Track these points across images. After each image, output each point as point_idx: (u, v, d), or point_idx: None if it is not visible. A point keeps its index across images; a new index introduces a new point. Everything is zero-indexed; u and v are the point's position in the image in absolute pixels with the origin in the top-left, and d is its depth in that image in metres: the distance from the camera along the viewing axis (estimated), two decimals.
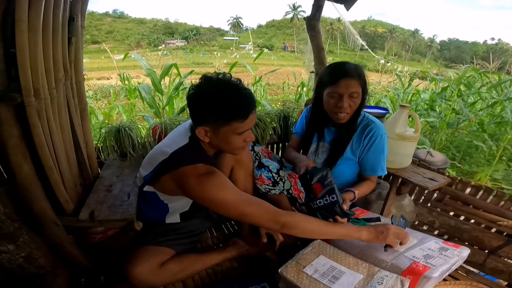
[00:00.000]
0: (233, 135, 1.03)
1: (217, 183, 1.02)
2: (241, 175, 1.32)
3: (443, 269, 1.05)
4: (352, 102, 1.31)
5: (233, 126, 1.00)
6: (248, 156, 1.34)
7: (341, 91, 1.30)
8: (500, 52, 46.87)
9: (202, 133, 1.04)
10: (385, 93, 6.48)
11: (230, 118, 0.99)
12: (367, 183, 1.45)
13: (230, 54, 11.09)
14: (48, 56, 0.99)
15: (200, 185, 1.01)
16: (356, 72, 1.29)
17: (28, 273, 0.97)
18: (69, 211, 1.09)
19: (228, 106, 0.98)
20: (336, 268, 1.10)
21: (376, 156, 1.40)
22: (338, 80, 1.30)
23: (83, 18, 1.35)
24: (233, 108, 0.98)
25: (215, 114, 1.00)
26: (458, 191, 1.67)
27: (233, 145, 1.06)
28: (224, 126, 1.01)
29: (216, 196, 1.00)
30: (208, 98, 0.99)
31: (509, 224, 1.47)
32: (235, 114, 0.99)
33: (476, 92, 4.57)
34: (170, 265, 1.15)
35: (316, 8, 2.14)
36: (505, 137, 3.68)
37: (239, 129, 1.02)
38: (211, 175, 1.03)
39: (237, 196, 1.03)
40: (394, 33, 70.68)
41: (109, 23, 76.08)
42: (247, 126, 1.03)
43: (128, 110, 4.85)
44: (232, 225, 1.61)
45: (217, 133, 1.03)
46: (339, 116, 1.35)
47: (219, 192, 1.00)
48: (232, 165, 1.30)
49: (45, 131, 0.96)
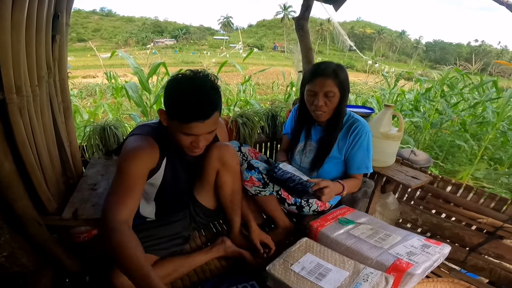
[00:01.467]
0: (178, 132, 1.01)
1: (132, 155, 1.01)
2: (228, 179, 1.29)
3: (426, 266, 1.08)
4: (328, 101, 1.33)
5: (175, 124, 0.99)
6: (235, 159, 1.30)
7: (316, 89, 1.33)
8: (483, 54, 48.28)
9: (162, 115, 1.03)
10: (371, 93, 6.60)
11: (172, 115, 0.98)
12: (354, 180, 1.45)
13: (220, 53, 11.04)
14: (31, 53, 0.97)
15: (125, 149, 1.03)
16: (332, 72, 1.30)
17: (11, 273, 0.95)
18: (52, 210, 1.07)
19: (173, 105, 0.98)
20: (322, 265, 1.12)
21: (361, 154, 1.41)
22: (314, 79, 1.33)
23: (68, 16, 1.33)
24: (176, 109, 0.97)
25: (166, 104, 1.01)
26: (440, 189, 1.71)
27: (179, 140, 1.04)
28: (171, 119, 1.00)
29: (119, 163, 1.00)
30: (167, 88, 1.00)
31: (488, 221, 1.52)
32: (176, 114, 0.97)
33: (459, 93, 4.69)
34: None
35: (305, 8, 2.16)
36: (487, 137, 3.80)
37: (183, 129, 0.99)
38: (140, 147, 1.03)
39: (130, 177, 0.98)
40: (382, 34, 71.84)
41: (96, 21, 74.55)
42: (192, 131, 0.99)
43: (115, 108, 4.77)
44: (220, 224, 1.61)
45: (170, 122, 1.01)
46: (316, 113, 1.37)
47: (124, 162, 0.99)
48: (217, 168, 1.26)
49: (27, 129, 0.95)
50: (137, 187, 1.00)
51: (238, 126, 1.92)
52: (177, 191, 1.26)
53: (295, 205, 1.50)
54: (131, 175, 0.98)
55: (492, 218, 1.52)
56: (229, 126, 1.90)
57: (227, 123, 1.90)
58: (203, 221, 1.40)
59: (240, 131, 1.92)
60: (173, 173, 1.20)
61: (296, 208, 1.51)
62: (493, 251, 1.49)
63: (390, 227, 1.37)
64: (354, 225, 1.37)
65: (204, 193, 1.35)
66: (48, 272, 1.07)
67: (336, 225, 1.36)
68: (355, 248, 1.20)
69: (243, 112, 2.01)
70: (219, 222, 1.62)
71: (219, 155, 1.24)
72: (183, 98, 0.95)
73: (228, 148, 1.27)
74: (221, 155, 1.24)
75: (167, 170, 1.17)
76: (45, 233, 1.02)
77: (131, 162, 1.00)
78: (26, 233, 0.97)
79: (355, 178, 1.47)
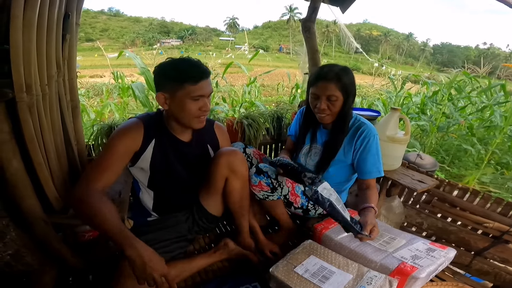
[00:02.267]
0: (187, 100, 1.09)
1: (115, 132, 1.14)
2: (237, 185, 1.28)
3: (430, 269, 1.07)
4: (331, 104, 1.32)
5: (187, 89, 1.08)
6: (244, 165, 1.28)
7: (318, 93, 1.33)
8: (492, 57, 47.78)
9: (161, 99, 1.11)
10: (378, 96, 6.57)
11: (183, 80, 1.07)
12: (373, 193, 1.34)
13: (226, 55, 11.06)
14: (41, 53, 0.99)
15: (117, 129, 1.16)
16: (335, 76, 1.30)
17: (15, 271, 0.95)
18: (58, 209, 1.08)
19: (181, 69, 1.09)
20: (326, 268, 1.12)
21: (371, 158, 1.38)
22: (317, 82, 1.33)
23: (78, 16, 1.34)
24: (185, 70, 1.08)
25: (171, 78, 1.09)
26: (446, 193, 1.70)
27: (188, 111, 1.11)
28: (179, 90, 1.08)
29: (109, 138, 1.13)
30: (166, 66, 1.11)
31: (495, 226, 1.50)
32: (187, 75, 1.07)
33: (466, 97, 4.65)
34: None
35: (311, 10, 2.17)
36: (494, 141, 3.75)
37: (193, 93, 1.08)
38: (123, 126, 1.14)
39: (109, 152, 1.09)
40: (389, 37, 71.44)
41: (104, 21, 75.27)
42: (200, 90, 1.09)
43: (121, 108, 4.80)
44: (224, 225, 1.61)
45: (174, 98, 1.10)
46: (319, 116, 1.38)
47: (109, 139, 1.13)
48: (226, 175, 1.25)
49: (36, 127, 0.96)
50: (115, 162, 1.09)
51: (243, 128, 1.92)
52: (172, 180, 1.27)
53: (301, 209, 1.49)
54: (110, 150, 1.09)
55: (498, 222, 1.50)
56: (234, 127, 1.91)
57: (232, 124, 1.91)
58: (205, 226, 1.39)
59: (245, 132, 1.92)
60: (162, 158, 1.21)
61: (302, 211, 1.50)
62: (498, 256, 1.48)
63: (395, 231, 1.36)
64: None
65: (210, 199, 1.34)
66: (52, 271, 1.08)
67: (340, 227, 1.34)
68: (359, 251, 1.20)
69: (249, 114, 2.01)
70: (222, 224, 1.62)
71: (228, 162, 1.24)
72: (185, 63, 1.10)
73: (236, 154, 1.26)
74: (230, 162, 1.24)
75: (156, 155, 1.20)
76: (51, 231, 1.02)
77: (112, 138, 1.12)
78: (32, 231, 0.98)
79: (371, 188, 1.38)
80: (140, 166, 1.20)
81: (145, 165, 1.20)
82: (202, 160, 1.31)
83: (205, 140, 1.34)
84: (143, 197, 1.29)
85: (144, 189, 1.28)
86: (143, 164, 1.19)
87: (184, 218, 1.33)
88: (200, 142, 1.32)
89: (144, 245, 0.96)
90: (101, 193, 1.01)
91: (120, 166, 1.12)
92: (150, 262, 0.94)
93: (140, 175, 1.25)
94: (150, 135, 1.18)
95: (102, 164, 1.07)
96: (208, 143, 1.35)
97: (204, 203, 1.35)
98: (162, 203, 1.28)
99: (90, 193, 0.99)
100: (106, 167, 1.06)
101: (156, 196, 1.28)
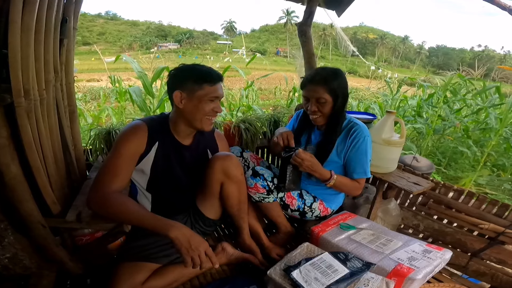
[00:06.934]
0: (204, 100, 1.16)
1: (120, 135, 1.17)
2: (233, 190, 1.29)
3: (427, 271, 1.08)
4: (320, 106, 1.36)
5: (205, 89, 1.15)
6: (239, 169, 1.29)
7: (308, 95, 1.39)
8: (487, 59, 48.25)
9: (178, 97, 1.16)
10: (374, 99, 6.60)
11: (202, 81, 1.15)
12: (351, 180, 1.44)
13: (223, 58, 11.10)
14: (39, 57, 0.99)
15: (121, 131, 1.19)
16: (322, 79, 1.33)
17: (13, 274, 0.95)
18: (56, 213, 1.08)
19: (201, 71, 1.17)
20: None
21: (358, 157, 1.40)
22: (306, 85, 1.39)
23: (75, 20, 1.35)
24: (205, 72, 1.17)
25: (191, 78, 1.15)
26: (441, 195, 1.71)
27: (202, 111, 1.17)
28: (197, 90, 1.15)
29: (116, 142, 1.15)
30: (186, 68, 1.19)
31: (490, 227, 1.52)
32: (206, 77, 1.15)
33: (462, 99, 4.68)
34: (153, 282, 1.11)
35: (307, 14, 2.18)
36: (489, 143, 3.78)
37: (210, 94, 1.16)
38: (128, 129, 1.17)
39: (116, 155, 1.12)
40: (385, 40, 72.10)
41: (101, 24, 75.36)
42: (216, 92, 1.17)
43: (118, 112, 4.79)
44: (222, 229, 1.62)
45: (192, 97, 1.15)
46: (311, 117, 1.42)
47: (115, 142, 1.15)
48: (222, 180, 1.26)
49: (34, 132, 0.96)
50: (125, 166, 1.13)
51: (241, 132, 1.93)
52: (171, 183, 1.27)
53: (298, 211, 1.50)
54: (118, 154, 1.12)
55: (493, 224, 1.52)
56: (231, 132, 1.91)
57: (229, 128, 1.92)
58: (203, 229, 1.38)
59: (242, 136, 1.93)
60: (164, 161, 1.23)
61: (298, 214, 1.52)
62: (495, 257, 1.49)
63: (392, 233, 1.37)
64: (355, 231, 1.37)
65: (207, 204, 1.35)
66: (50, 274, 1.07)
67: (337, 230, 1.37)
68: (356, 253, 1.21)
69: (246, 118, 2.02)
70: (220, 227, 1.62)
71: (222, 167, 1.24)
72: (204, 67, 1.20)
73: (231, 158, 1.27)
74: (224, 167, 1.25)
75: (158, 158, 1.21)
76: (49, 235, 1.02)
77: (119, 142, 1.14)
78: (30, 235, 0.98)
79: (354, 180, 1.45)
80: (141, 168, 1.21)
81: (146, 168, 1.21)
82: (200, 164, 1.32)
83: (205, 145, 1.36)
84: (141, 200, 1.29)
85: (142, 192, 1.28)
86: (145, 166, 1.21)
87: (182, 221, 1.33)
88: (200, 146, 1.34)
89: (181, 224, 0.99)
90: (117, 193, 1.06)
91: (130, 169, 1.16)
92: (193, 238, 0.97)
93: (139, 177, 1.25)
94: (154, 138, 1.20)
95: (112, 169, 1.10)
96: (208, 148, 1.37)
97: (200, 207, 1.35)
98: (160, 206, 1.28)
99: (107, 197, 1.03)
100: (117, 172, 1.10)
101: (154, 199, 1.28)
